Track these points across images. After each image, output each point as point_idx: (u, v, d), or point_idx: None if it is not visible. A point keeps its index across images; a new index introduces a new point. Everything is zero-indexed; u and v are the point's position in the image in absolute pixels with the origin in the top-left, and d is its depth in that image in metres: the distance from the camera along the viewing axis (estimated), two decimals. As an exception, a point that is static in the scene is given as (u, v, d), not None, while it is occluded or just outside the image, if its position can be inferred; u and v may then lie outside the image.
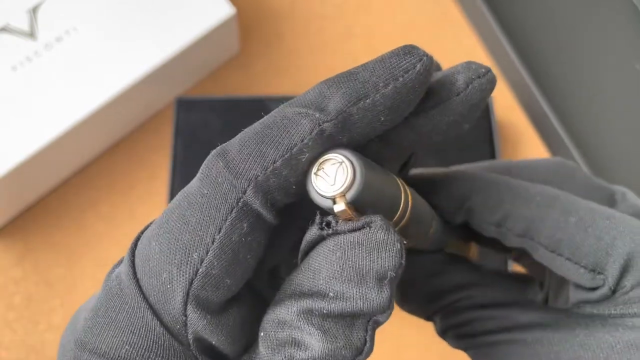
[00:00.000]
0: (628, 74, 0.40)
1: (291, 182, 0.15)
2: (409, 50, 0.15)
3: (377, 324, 0.15)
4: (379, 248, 0.14)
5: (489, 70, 0.17)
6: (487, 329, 0.20)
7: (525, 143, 0.51)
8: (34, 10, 0.45)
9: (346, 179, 0.14)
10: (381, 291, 0.14)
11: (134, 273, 0.15)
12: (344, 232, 0.15)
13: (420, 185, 0.21)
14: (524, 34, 0.50)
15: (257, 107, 0.47)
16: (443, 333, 0.22)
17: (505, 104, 0.51)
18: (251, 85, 0.51)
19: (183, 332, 0.15)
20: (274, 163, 0.14)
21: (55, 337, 0.44)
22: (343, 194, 0.14)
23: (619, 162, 0.47)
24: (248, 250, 0.15)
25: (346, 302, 0.14)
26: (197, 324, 0.15)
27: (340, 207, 0.14)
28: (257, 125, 0.15)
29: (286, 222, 0.16)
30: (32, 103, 0.43)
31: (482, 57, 0.53)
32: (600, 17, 0.41)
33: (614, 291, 0.19)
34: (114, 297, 0.15)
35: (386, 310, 0.15)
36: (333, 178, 0.15)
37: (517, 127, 0.51)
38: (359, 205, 0.15)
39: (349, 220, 0.15)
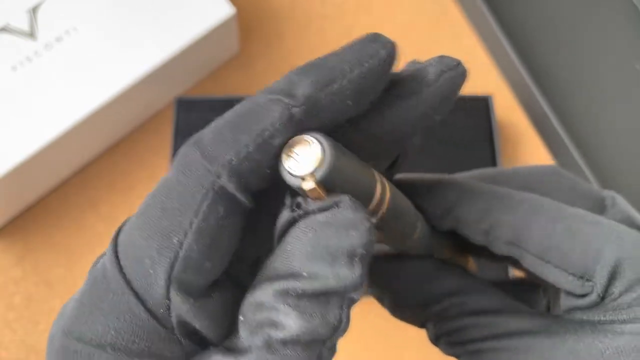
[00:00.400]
0: (628, 74, 0.40)
1: (264, 166, 0.15)
2: (374, 38, 0.16)
3: (352, 301, 0.15)
4: (347, 227, 0.15)
5: (459, 63, 0.18)
6: (478, 337, 0.20)
7: (525, 143, 0.51)
8: (34, 10, 0.45)
9: (315, 158, 0.15)
10: (353, 269, 0.15)
11: (117, 261, 0.16)
12: (314, 212, 0.15)
13: (408, 189, 0.21)
14: (524, 34, 0.50)
15: (257, 107, 0.46)
16: (436, 340, 0.22)
17: (505, 104, 0.51)
18: (251, 85, 0.51)
19: (167, 316, 0.15)
20: (247, 148, 0.15)
21: (55, 337, 0.44)
22: (312, 173, 0.15)
23: (619, 162, 0.47)
24: (226, 234, 0.16)
25: (319, 282, 0.15)
26: (180, 307, 0.15)
27: (309, 184, 0.15)
28: (229, 113, 0.16)
29: (265, 212, 0.17)
30: (32, 103, 0.43)
31: (482, 57, 0.53)
32: (600, 16, 0.41)
33: (602, 297, 0.19)
34: (98, 285, 0.16)
35: (359, 287, 0.15)
36: (303, 158, 0.15)
37: (517, 127, 0.51)
38: (330, 187, 0.15)
39: (319, 200, 0.15)
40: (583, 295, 0.19)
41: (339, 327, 0.15)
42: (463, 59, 0.19)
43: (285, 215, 0.16)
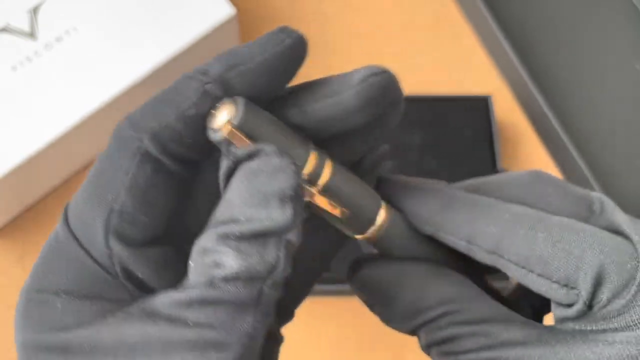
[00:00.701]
0: (628, 74, 0.40)
1: (185, 135, 0.18)
2: (282, 30, 0.19)
3: (290, 243, 0.17)
4: (276, 171, 0.17)
5: (386, 71, 0.19)
6: (470, 347, 0.19)
7: (525, 143, 0.51)
8: (34, 11, 0.45)
9: (230, 110, 0.18)
10: (284, 210, 0.17)
11: (67, 223, 0.18)
12: (245, 159, 0.17)
13: (390, 189, 0.22)
14: (524, 34, 0.50)
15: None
16: (427, 348, 0.21)
17: (505, 104, 0.51)
18: (251, 86, 0.51)
19: (110, 264, 0.18)
20: (168, 117, 0.18)
21: (55, 337, 0.44)
22: (228, 121, 0.17)
23: (619, 162, 0.47)
24: (157, 193, 0.18)
25: (255, 224, 0.17)
26: (120, 254, 0.18)
27: (227, 129, 0.17)
28: (157, 92, 0.19)
29: (207, 184, 0.19)
30: (32, 103, 0.43)
31: (481, 57, 0.53)
32: (600, 16, 0.41)
33: (590, 306, 0.19)
34: (52, 247, 0.18)
35: (292, 227, 0.17)
36: (220, 114, 0.18)
37: (517, 127, 0.51)
38: (253, 136, 0.18)
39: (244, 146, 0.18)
40: (571, 305, 0.19)
41: (277, 267, 0.17)
42: (463, 59, 0.19)
43: (223, 164, 0.18)
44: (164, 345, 0.16)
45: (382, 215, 0.21)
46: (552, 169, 0.50)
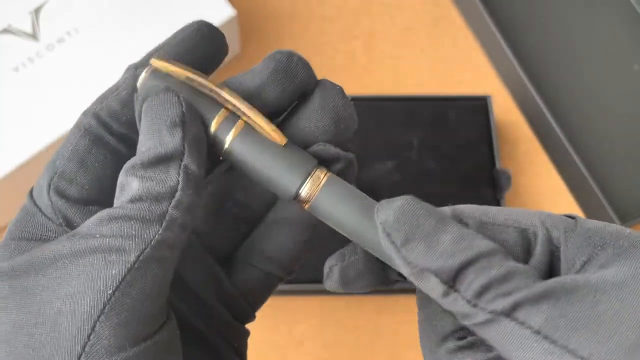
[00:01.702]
0: (627, 74, 0.40)
1: (120, 113, 0.22)
2: (193, 22, 0.24)
3: (188, 169, 0.20)
4: (163, 104, 0.21)
5: (290, 52, 0.23)
6: (524, 284, 0.19)
7: (523, 143, 0.51)
8: (36, 12, 0.46)
9: (148, 67, 0.22)
10: (173, 136, 0.20)
11: (31, 191, 0.22)
12: (141, 101, 0.21)
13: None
14: (522, 35, 0.51)
15: (257, 108, 0.47)
16: (477, 297, 0.19)
17: (503, 104, 0.52)
18: (251, 86, 0.51)
19: (54, 215, 0.22)
20: (106, 100, 0.22)
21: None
22: (145, 71, 0.22)
23: (617, 161, 0.47)
24: (95, 160, 0.22)
25: (151, 151, 0.20)
26: (60, 206, 0.21)
27: (143, 78, 0.22)
28: None
29: None
30: (33, 104, 0.43)
31: (480, 58, 0.53)
32: (598, 17, 0.41)
33: (550, 239, 0.20)
34: (21, 209, 0.23)
35: (179, 149, 0.20)
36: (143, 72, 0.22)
37: (515, 127, 0.51)
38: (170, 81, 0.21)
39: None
40: (529, 251, 0.20)
41: (177, 188, 0.20)
42: (462, 59, 0.20)
43: (136, 111, 0.22)
44: (74, 253, 0.19)
45: (310, 183, 0.21)
46: (550, 169, 0.50)
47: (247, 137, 0.21)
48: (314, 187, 0.21)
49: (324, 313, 0.45)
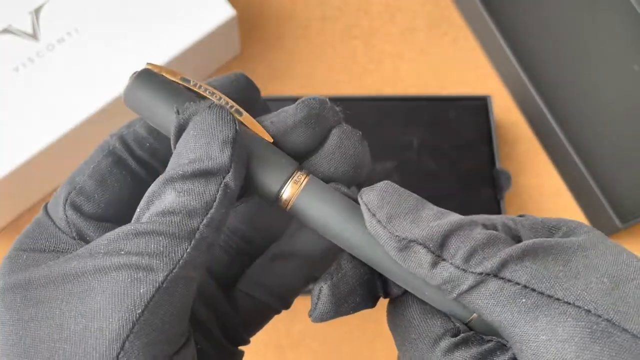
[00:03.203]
0: (626, 74, 0.40)
1: (145, 138, 0.23)
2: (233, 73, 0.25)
3: (228, 186, 0.20)
4: (217, 120, 0.20)
5: (318, 99, 0.23)
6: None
7: (523, 143, 0.51)
8: (36, 12, 0.46)
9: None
10: (223, 151, 0.20)
11: (45, 205, 0.23)
12: (193, 114, 0.21)
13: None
14: (523, 36, 0.51)
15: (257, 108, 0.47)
16: (464, 262, 0.20)
17: (503, 105, 0.52)
18: (251, 86, 0.51)
19: (68, 229, 0.22)
20: (135, 126, 0.23)
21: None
22: (133, 76, 0.22)
23: (616, 161, 0.47)
24: (114, 181, 0.23)
25: (196, 164, 0.20)
26: (74, 220, 0.22)
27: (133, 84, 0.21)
28: None
29: None
30: (34, 104, 0.43)
31: (480, 58, 0.53)
32: (598, 18, 0.41)
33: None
34: (33, 222, 0.23)
35: (229, 168, 0.20)
36: None
37: (515, 127, 0.51)
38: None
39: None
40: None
41: (212, 205, 0.19)
42: (462, 60, 0.20)
43: (172, 125, 0.21)
44: (97, 269, 0.19)
45: (291, 186, 0.21)
46: (550, 169, 0.50)
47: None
48: (295, 189, 0.21)
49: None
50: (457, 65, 0.53)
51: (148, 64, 0.22)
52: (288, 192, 0.21)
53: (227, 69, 0.51)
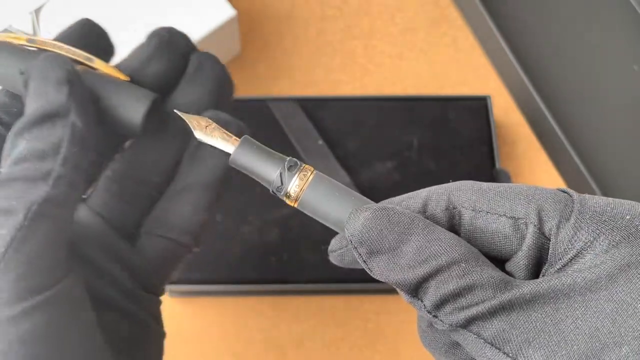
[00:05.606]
0: (626, 74, 0.40)
1: (8, 103, 0.24)
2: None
3: (75, 125, 0.21)
4: (50, 65, 0.22)
5: (168, 29, 0.27)
6: (485, 297, 0.19)
7: (523, 143, 0.51)
8: (36, 12, 0.46)
9: None
10: (59, 92, 0.21)
11: None
12: (32, 68, 0.23)
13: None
14: (522, 35, 0.51)
15: (258, 108, 0.47)
16: (436, 309, 0.19)
17: (503, 105, 0.52)
18: (252, 87, 0.51)
19: None
20: (1, 96, 0.24)
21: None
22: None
23: (616, 161, 0.47)
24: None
25: (38, 110, 0.21)
26: None
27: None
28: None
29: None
30: (34, 104, 0.43)
31: (480, 57, 0.53)
32: (598, 17, 0.41)
33: (542, 233, 0.19)
34: None
35: (69, 107, 0.21)
36: None
37: (515, 127, 0.51)
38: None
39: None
40: (522, 241, 0.20)
41: (62, 145, 0.21)
42: (461, 60, 0.20)
43: (19, 82, 0.23)
44: None
45: (296, 181, 0.21)
46: (549, 169, 0.50)
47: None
48: (301, 183, 0.21)
49: (324, 313, 0.45)
50: (457, 65, 0.53)
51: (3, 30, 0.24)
52: (294, 188, 0.21)
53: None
